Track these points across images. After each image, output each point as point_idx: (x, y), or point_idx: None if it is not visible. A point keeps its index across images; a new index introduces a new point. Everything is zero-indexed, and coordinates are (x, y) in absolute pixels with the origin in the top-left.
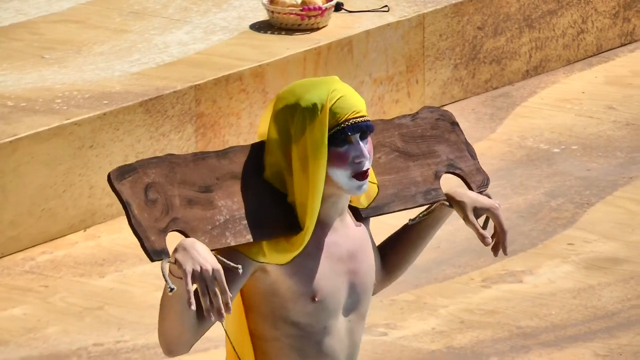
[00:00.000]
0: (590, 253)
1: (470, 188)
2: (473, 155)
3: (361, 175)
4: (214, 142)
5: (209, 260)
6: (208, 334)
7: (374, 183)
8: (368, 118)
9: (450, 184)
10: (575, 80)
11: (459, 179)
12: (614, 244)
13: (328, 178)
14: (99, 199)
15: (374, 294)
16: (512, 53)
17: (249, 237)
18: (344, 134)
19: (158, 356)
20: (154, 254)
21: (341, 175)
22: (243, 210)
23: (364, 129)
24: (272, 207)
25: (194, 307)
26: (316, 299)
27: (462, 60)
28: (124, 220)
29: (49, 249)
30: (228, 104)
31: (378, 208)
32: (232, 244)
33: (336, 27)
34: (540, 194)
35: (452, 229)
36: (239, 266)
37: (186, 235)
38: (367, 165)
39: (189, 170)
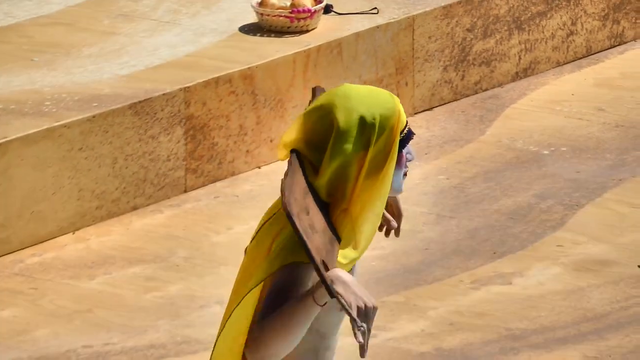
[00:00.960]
0: (579, 255)
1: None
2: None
3: (406, 173)
4: (204, 144)
5: (371, 297)
6: (198, 336)
7: None
8: None
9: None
10: (564, 82)
11: None
12: (603, 246)
13: None
14: (88, 202)
15: None
16: (501, 55)
17: (334, 256)
18: (408, 139)
19: (147, 358)
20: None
21: (399, 175)
22: (323, 227)
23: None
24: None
25: (361, 339)
26: (341, 309)
27: (452, 62)
28: (113, 222)
29: (38, 252)
30: (217, 106)
31: None
32: (335, 266)
33: (325, 29)
34: (530, 195)
35: (442, 231)
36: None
37: (326, 267)
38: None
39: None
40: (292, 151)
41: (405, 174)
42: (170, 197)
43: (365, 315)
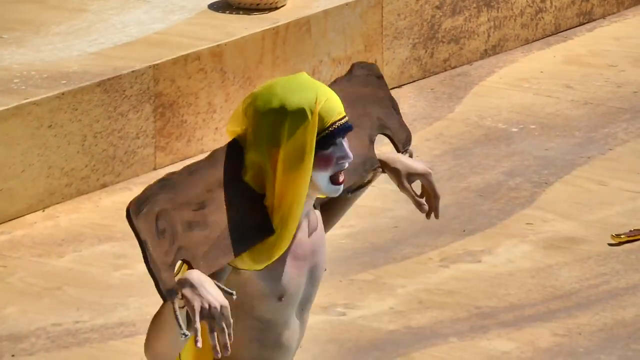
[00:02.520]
0: (548, 232)
1: (396, 148)
2: (397, 110)
3: (338, 179)
4: (173, 121)
5: (217, 297)
6: None
7: None
8: (347, 118)
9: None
10: (533, 59)
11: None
12: (572, 224)
13: (310, 182)
14: (58, 179)
15: None
16: (470, 32)
17: (234, 254)
18: (332, 138)
19: (117, 336)
20: (168, 294)
21: (323, 178)
22: (230, 223)
23: (349, 131)
24: (251, 212)
25: (200, 345)
26: (282, 299)
27: (421, 40)
28: (82, 200)
29: (7, 229)
30: (187, 83)
31: (350, 187)
32: (224, 263)
33: (294, 6)
34: (499, 173)
35: (412, 208)
36: (234, 292)
37: (189, 265)
38: (346, 165)
39: (188, 187)
40: (231, 142)
41: (337, 178)
42: (139, 175)
43: (209, 315)
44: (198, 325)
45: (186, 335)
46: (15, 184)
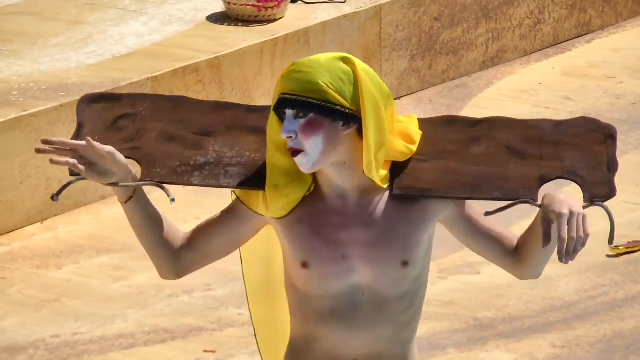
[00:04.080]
0: None
1: (584, 197)
2: (611, 169)
3: (291, 150)
4: None
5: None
6: (166, 325)
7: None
8: (310, 99)
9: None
10: (532, 71)
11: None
12: None
13: None
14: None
15: (518, 276)
16: (468, 44)
17: (225, 182)
18: (276, 107)
19: (116, 348)
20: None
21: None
22: (239, 159)
23: (289, 107)
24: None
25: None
26: (306, 266)
27: (419, 51)
28: (81, 212)
29: (6, 241)
30: (185, 95)
31: (424, 190)
32: (195, 183)
33: (293, 18)
34: None
35: None
36: (172, 197)
37: (140, 165)
38: (289, 142)
39: (198, 114)
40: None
41: (292, 150)
42: None
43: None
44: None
45: (53, 198)
46: (14, 196)
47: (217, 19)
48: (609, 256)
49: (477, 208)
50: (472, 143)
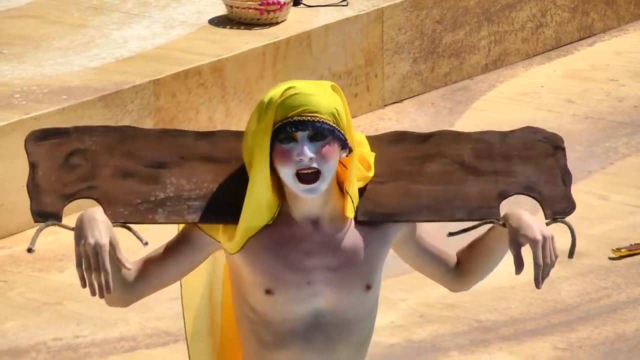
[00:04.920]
0: None
1: (545, 214)
2: (566, 182)
3: (303, 178)
4: None
5: (96, 236)
6: (168, 328)
7: (347, 192)
8: (326, 121)
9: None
10: (534, 74)
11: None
12: None
13: (282, 178)
14: None
15: (454, 289)
16: (471, 47)
17: (190, 218)
18: (285, 130)
19: (117, 351)
20: (38, 215)
21: (287, 174)
22: (198, 192)
23: (309, 129)
24: (235, 194)
25: (82, 287)
26: (270, 293)
27: (421, 54)
28: None
29: (7, 244)
30: (187, 98)
31: (389, 215)
32: (160, 221)
33: (295, 21)
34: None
35: None
36: (145, 241)
37: (101, 205)
38: (308, 164)
39: (146, 144)
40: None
41: (305, 177)
42: None
43: (84, 253)
44: (77, 259)
45: (30, 250)
46: (16, 198)
47: (219, 22)
48: (611, 259)
49: (427, 228)
50: (426, 161)
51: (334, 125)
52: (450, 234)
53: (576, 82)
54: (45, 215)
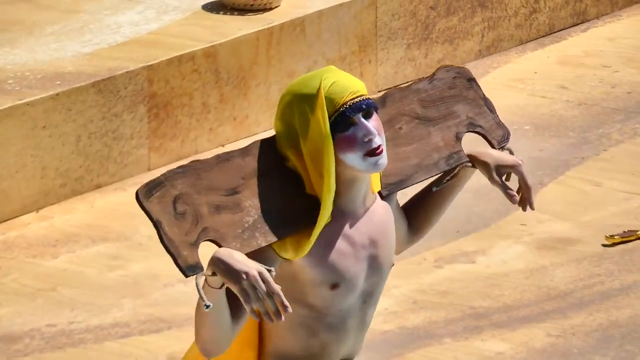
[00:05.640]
0: (542, 233)
1: (491, 145)
2: (492, 110)
3: (374, 152)
4: (167, 122)
5: (249, 264)
6: (162, 315)
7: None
8: (367, 96)
9: (472, 143)
10: (527, 60)
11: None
12: (566, 224)
13: (343, 164)
14: (52, 180)
15: (397, 253)
16: (464, 33)
17: (276, 236)
18: (345, 117)
19: (112, 336)
20: (188, 269)
21: (354, 158)
22: (269, 208)
23: (364, 108)
24: (295, 198)
25: (256, 318)
26: (336, 288)
27: (415, 40)
28: (76, 200)
29: (1, 230)
30: (180, 84)
31: (401, 182)
32: (263, 244)
33: (289, 7)
34: None
35: None
36: (272, 268)
37: (218, 244)
38: (377, 141)
39: (214, 174)
40: (272, 136)
41: (374, 151)
42: (133, 175)
43: (249, 285)
44: (251, 303)
45: (207, 306)
46: (9, 184)
47: (212, 7)
48: (604, 245)
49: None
50: (394, 124)
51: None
52: (436, 188)
53: (569, 68)
54: (193, 267)
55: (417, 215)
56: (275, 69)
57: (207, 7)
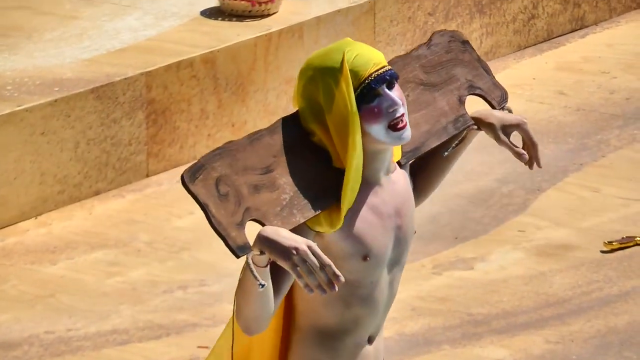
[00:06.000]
0: (541, 239)
1: (491, 105)
2: (488, 71)
3: (397, 125)
4: (165, 128)
5: (299, 241)
6: (161, 321)
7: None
8: (389, 67)
9: (474, 106)
10: (525, 65)
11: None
12: (565, 230)
13: (368, 136)
14: (50, 186)
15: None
16: None
17: (313, 211)
18: (371, 89)
19: (110, 343)
20: (239, 249)
21: (379, 130)
22: (303, 183)
23: (388, 79)
24: (325, 172)
25: (310, 292)
26: (367, 259)
27: (413, 46)
28: (75, 207)
29: (0, 237)
30: (179, 90)
31: (416, 150)
32: (302, 220)
33: (287, 13)
34: (492, 180)
35: None
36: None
37: (262, 224)
38: (401, 110)
39: (248, 154)
40: (294, 112)
41: (398, 124)
42: (132, 182)
43: (300, 260)
44: (305, 275)
45: (263, 285)
46: (8, 191)
47: (211, 14)
48: (603, 252)
49: None
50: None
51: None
52: (446, 153)
53: (568, 74)
54: (243, 248)
55: (422, 179)
56: (274, 75)
57: (205, 14)
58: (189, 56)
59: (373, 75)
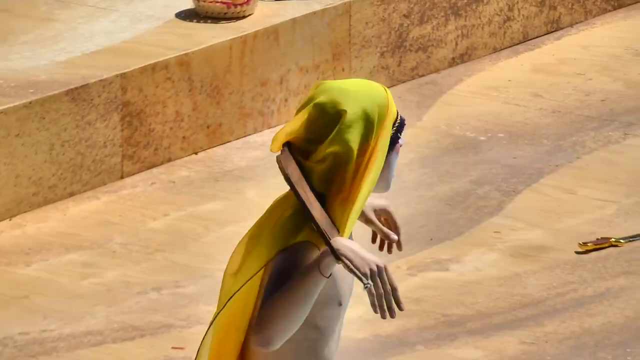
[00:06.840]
0: (516, 241)
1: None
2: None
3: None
4: (140, 130)
5: (376, 259)
6: (135, 322)
7: None
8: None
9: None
10: (501, 68)
11: None
12: (540, 232)
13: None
14: (25, 188)
15: None
16: (438, 41)
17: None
18: (403, 125)
19: (84, 345)
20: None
21: (395, 162)
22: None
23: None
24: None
25: (376, 311)
26: (341, 303)
27: (389, 48)
28: (49, 209)
29: None
30: (154, 92)
31: None
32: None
33: (262, 15)
34: (467, 181)
35: None
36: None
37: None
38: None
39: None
40: (285, 144)
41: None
42: (106, 184)
43: (376, 276)
44: (364, 280)
45: (367, 286)
46: None
47: (186, 16)
48: (577, 253)
49: None
50: None
51: None
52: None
53: (543, 76)
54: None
55: None
56: (249, 77)
57: (180, 16)
58: (164, 58)
59: (399, 116)
